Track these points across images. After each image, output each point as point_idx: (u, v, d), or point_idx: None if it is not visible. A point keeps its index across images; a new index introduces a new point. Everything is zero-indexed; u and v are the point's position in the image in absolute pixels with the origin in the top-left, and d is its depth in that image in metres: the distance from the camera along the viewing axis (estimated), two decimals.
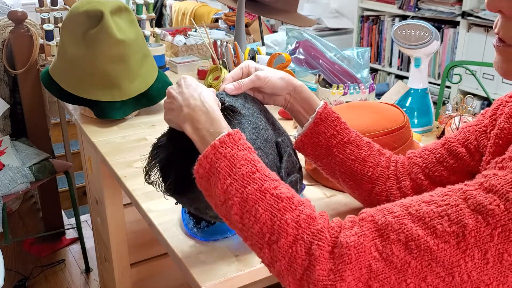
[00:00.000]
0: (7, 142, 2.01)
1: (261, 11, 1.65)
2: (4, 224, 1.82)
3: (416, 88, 1.37)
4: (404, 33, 1.32)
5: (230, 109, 0.78)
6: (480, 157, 0.78)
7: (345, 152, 0.85)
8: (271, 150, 0.80)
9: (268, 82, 0.85)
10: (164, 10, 4.11)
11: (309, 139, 0.86)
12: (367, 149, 0.86)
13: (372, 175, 0.86)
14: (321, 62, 1.44)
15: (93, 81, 1.36)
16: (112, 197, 1.45)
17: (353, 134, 0.87)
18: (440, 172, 0.82)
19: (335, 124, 0.85)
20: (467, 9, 2.78)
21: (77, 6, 1.36)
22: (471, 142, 0.80)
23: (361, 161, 0.85)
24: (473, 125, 0.81)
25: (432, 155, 0.84)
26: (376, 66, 3.48)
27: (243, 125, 0.78)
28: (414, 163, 0.85)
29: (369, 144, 0.88)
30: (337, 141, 0.85)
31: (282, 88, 0.87)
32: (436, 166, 0.83)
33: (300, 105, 0.88)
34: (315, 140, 0.86)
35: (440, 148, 0.84)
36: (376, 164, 0.86)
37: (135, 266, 1.57)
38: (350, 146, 0.85)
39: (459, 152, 0.81)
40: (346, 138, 0.85)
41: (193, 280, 0.78)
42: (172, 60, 1.96)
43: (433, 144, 0.86)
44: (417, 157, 0.86)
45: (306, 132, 0.86)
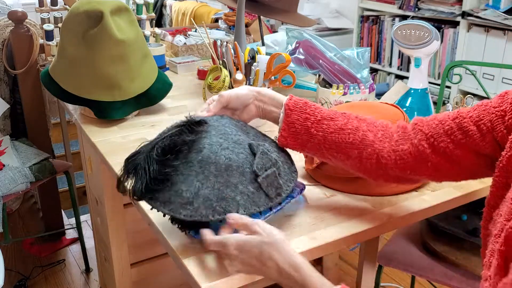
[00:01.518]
0: (7, 142, 2.01)
1: (261, 11, 1.65)
2: (4, 224, 1.82)
3: (416, 88, 1.37)
4: (404, 33, 1.32)
5: (194, 122, 0.85)
6: (491, 139, 0.76)
7: (323, 128, 0.88)
8: (242, 150, 0.85)
9: (232, 95, 0.93)
10: (164, 10, 4.11)
11: (287, 132, 0.91)
12: (343, 118, 0.89)
13: (354, 141, 0.86)
14: (321, 62, 1.44)
15: (93, 81, 1.36)
16: (112, 197, 1.45)
17: (325, 110, 0.90)
18: (445, 144, 0.80)
19: (304, 108, 0.90)
20: (467, 9, 2.78)
21: (77, 6, 1.36)
22: (485, 123, 0.77)
23: (340, 131, 0.87)
24: (490, 106, 0.78)
25: (440, 126, 0.82)
26: (376, 66, 3.48)
27: (210, 133, 0.85)
28: (419, 129, 0.84)
29: (344, 114, 0.90)
30: (312, 122, 0.89)
31: (247, 95, 0.93)
32: (442, 137, 0.81)
33: (270, 104, 0.93)
34: (292, 129, 0.90)
35: (450, 120, 0.81)
36: (356, 129, 0.87)
37: (135, 266, 1.57)
38: (325, 121, 0.89)
39: (470, 129, 0.78)
40: (319, 115, 0.89)
41: (193, 280, 0.78)
42: (172, 60, 1.96)
43: (443, 115, 0.84)
44: (424, 124, 0.84)
45: (283, 126, 0.91)
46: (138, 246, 1.56)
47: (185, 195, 0.79)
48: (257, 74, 1.33)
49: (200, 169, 0.81)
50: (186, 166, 0.81)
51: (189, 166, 0.81)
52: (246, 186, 0.82)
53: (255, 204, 0.82)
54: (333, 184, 1.05)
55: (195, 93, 1.67)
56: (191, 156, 0.82)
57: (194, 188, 0.80)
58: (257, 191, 0.83)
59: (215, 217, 0.79)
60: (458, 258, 1.27)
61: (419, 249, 1.35)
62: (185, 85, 1.77)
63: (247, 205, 0.81)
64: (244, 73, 1.34)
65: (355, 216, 0.95)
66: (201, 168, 0.81)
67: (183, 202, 0.79)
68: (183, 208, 0.79)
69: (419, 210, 0.98)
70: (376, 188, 1.02)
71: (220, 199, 0.80)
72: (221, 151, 0.83)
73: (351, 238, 0.90)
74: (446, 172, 0.83)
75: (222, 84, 1.32)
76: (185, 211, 0.79)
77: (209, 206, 0.79)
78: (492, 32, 2.69)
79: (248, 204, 0.81)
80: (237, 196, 0.81)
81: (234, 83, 1.33)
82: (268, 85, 1.36)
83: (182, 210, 0.79)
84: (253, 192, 0.82)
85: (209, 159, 0.81)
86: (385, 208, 0.98)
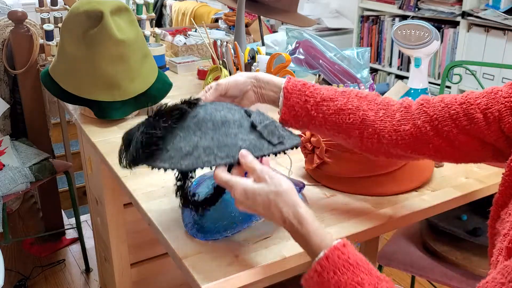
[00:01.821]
0: (7, 142, 2.01)
1: (261, 11, 1.65)
2: (4, 224, 1.82)
3: (416, 88, 1.37)
4: (404, 33, 1.32)
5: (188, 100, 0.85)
6: (496, 128, 0.75)
7: (322, 110, 0.88)
8: (237, 112, 0.84)
9: (230, 82, 0.91)
10: (164, 10, 4.11)
11: (288, 114, 0.90)
12: (343, 98, 0.87)
13: (354, 121, 0.86)
14: (321, 62, 1.44)
15: (93, 81, 1.36)
16: (112, 197, 1.45)
17: (324, 91, 0.89)
18: (449, 128, 0.79)
19: (303, 90, 0.89)
20: (467, 9, 2.78)
21: (77, 6, 1.36)
22: (492, 112, 0.75)
23: (340, 111, 0.86)
24: (500, 95, 0.76)
25: (446, 109, 0.80)
26: (376, 66, 3.48)
27: (204, 105, 0.85)
28: (424, 111, 0.82)
29: (344, 93, 0.89)
30: (311, 104, 0.88)
31: (244, 82, 0.92)
32: (447, 121, 0.80)
33: (268, 88, 0.92)
34: (292, 112, 0.89)
35: (457, 105, 0.79)
36: (356, 109, 0.86)
37: (135, 266, 1.57)
38: (324, 103, 0.88)
39: (476, 117, 0.77)
40: (319, 97, 0.88)
41: (193, 280, 0.78)
42: (172, 60, 1.96)
43: (451, 98, 0.82)
44: (430, 105, 0.82)
45: (283, 109, 0.90)
46: (138, 246, 1.56)
47: (185, 149, 0.79)
48: None
49: (196, 127, 0.81)
50: (182, 130, 0.81)
51: (186, 129, 0.81)
52: (246, 135, 0.81)
53: (258, 149, 0.80)
54: (333, 184, 1.05)
55: (195, 93, 1.66)
56: (187, 121, 0.82)
57: (193, 142, 0.79)
58: (258, 139, 0.81)
59: (218, 162, 0.77)
60: (458, 258, 1.27)
61: (419, 249, 1.36)
62: (185, 85, 1.77)
63: (250, 150, 0.79)
64: None
65: (355, 216, 0.95)
66: (197, 127, 0.81)
67: (183, 154, 0.78)
68: (183, 159, 0.77)
69: (419, 210, 0.98)
70: (376, 188, 1.02)
71: (221, 146, 0.79)
72: (216, 112, 0.83)
73: (351, 238, 0.90)
74: (446, 154, 0.83)
75: None
76: (185, 161, 0.77)
77: (210, 153, 0.78)
78: (492, 32, 2.69)
79: (251, 148, 0.79)
80: (239, 142, 0.79)
81: None
82: None
83: (183, 161, 0.77)
84: (254, 139, 0.81)
85: (204, 118, 0.81)
86: (385, 208, 0.98)
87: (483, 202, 1.07)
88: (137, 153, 0.79)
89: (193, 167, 0.77)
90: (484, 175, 1.12)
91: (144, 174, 1.10)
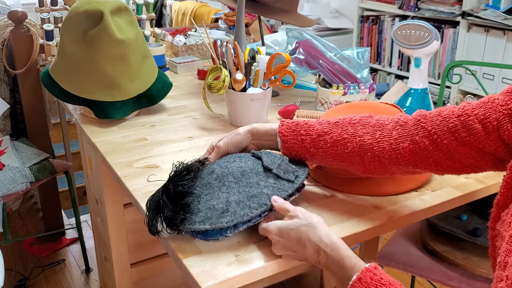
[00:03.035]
0: (7, 142, 2.01)
1: (261, 11, 1.65)
2: (4, 224, 1.82)
3: (416, 88, 1.37)
4: (404, 33, 1.32)
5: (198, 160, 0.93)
6: (496, 137, 0.76)
7: (320, 145, 0.90)
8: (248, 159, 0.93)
9: (229, 144, 0.97)
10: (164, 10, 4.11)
11: (290, 155, 0.95)
12: (337, 129, 0.90)
13: (353, 149, 0.87)
14: (321, 62, 1.44)
15: (93, 81, 1.36)
16: (112, 197, 1.45)
17: (318, 126, 0.91)
18: (448, 141, 0.80)
19: (297, 131, 0.92)
20: (467, 9, 2.78)
21: (77, 6, 1.36)
22: (491, 121, 0.76)
23: (337, 143, 0.89)
24: (497, 104, 0.76)
25: (444, 123, 0.80)
26: (376, 66, 3.48)
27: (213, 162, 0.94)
28: (422, 126, 0.83)
29: (337, 123, 0.91)
30: (309, 142, 0.91)
31: (242, 140, 0.98)
32: (446, 134, 0.80)
33: (265, 139, 0.98)
34: (293, 153, 0.94)
35: (455, 118, 0.79)
36: (352, 136, 0.88)
37: (135, 266, 1.57)
38: (321, 138, 0.90)
39: (475, 128, 0.77)
40: (314, 133, 0.91)
41: (193, 280, 0.78)
42: (172, 60, 1.96)
43: (448, 111, 0.82)
44: (428, 121, 0.83)
45: (283, 151, 0.95)
46: (138, 246, 1.56)
47: (219, 207, 0.84)
48: (257, 74, 1.33)
49: (220, 183, 0.87)
50: (206, 188, 0.87)
51: (209, 186, 0.87)
52: (266, 180, 0.89)
53: (282, 190, 0.88)
54: (333, 184, 1.05)
55: (195, 93, 1.67)
56: (206, 179, 0.88)
57: (224, 199, 0.85)
58: (278, 181, 0.90)
59: (254, 213, 0.84)
60: (458, 258, 1.27)
61: (419, 249, 1.36)
62: (185, 85, 1.77)
63: (275, 193, 0.87)
64: (244, 73, 1.34)
65: (355, 216, 0.95)
66: (220, 182, 0.87)
67: (220, 212, 0.83)
68: (222, 217, 0.83)
69: (419, 210, 0.98)
70: (376, 188, 1.02)
71: (251, 197, 0.85)
72: (230, 164, 0.90)
73: (351, 238, 0.90)
74: (447, 167, 0.84)
75: (222, 84, 1.32)
76: (225, 219, 0.82)
77: (244, 206, 0.84)
78: (492, 32, 2.69)
79: (276, 192, 0.87)
80: (263, 189, 0.87)
81: (234, 83, 1.33)
82: (268, 85, 1.36)
83: (223, 219, 0.82)
84: (275, 182, 0.89)
85: (223, 173, 0.88)
86: (385, 208, 0.98)
87: (483, 202, 1.07)
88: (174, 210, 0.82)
89: (233, 223, 0.82)
90: (484, 175, 1.12)
91: (144, 174, 1.10)
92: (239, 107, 1.35)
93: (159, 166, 1.14)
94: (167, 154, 1.20)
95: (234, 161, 0.91)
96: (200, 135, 1.33)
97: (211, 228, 0.82)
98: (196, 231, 0.83)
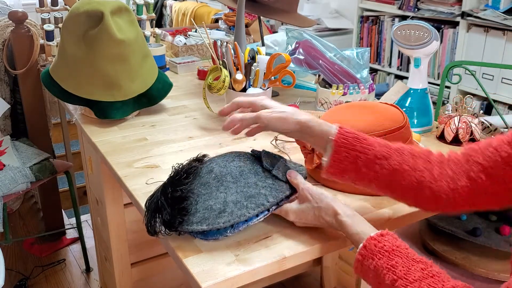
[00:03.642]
0: (7, 142, 2.01)
1: (261, 11, 1.65)
2: (5, 224, 1.83)
3: (415, 88, 1.37)
4: (403, 33, 1.33)
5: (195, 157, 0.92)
6: None
7: (375, 169, 0.82)
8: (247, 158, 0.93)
9: (271, 125, 0.89)
10: (164, 10, 4.11)
11: (334, 168, 0.85)
12: (397, 155, 0.82)
13: (411, 183, 0.81)
14: (321, 62, 1.45)
15: (93, 81, 1.37)
16: (113, 197, 1.46)
17: (377, 146, 0.82)
18: (504, 171, 0.76)
19: (354, 145, 0.82)
20: (467, 9, 2.78)
21: (77, 7, 1.37)
22: None
23: (395, 172, 0.81)
24: None
25: (496, 153, 0.77)
26: (375, 66, 3.49)
27: (213, 159, 0.92)
28: (475, 161, 0.79)
29: (399, 150, 0.83)
30: (363, 160, 0.82)
31: (287, 130, 0.88)
32: (501, 165, 0.76)
33: (313, 141, 0.88)
34: (341, 166, 0.84)
35: (506, 145, 0.76)
36: (412, 170, 0.81)
37: (135, 266, 1.58)
38: (377, 161, 0.82)
39: None
40: (371, 154, 0.82)
41: (193, 280, 0.79)
42: (172, 60, 1.96)
43: (498, 140, 0.78)
44: (479, 154, 0.79)
45: (330, 162, 0.84)
46: (138, 245, 1.56)
47: (216, 207, 0.84)
48: (257, 74, 1.34)
49: (218, 183, 0.86)
50: (204, 188, 0.86)
51: (207, 186, 0.86)
52: (265, 181, 0.89)
53: (280, 191, 0.89)
54: (333, 184, 1.05)
55: (195, 93, 1.68)
56: (205, 178, 0.87)
57: (221, 199, 0.85)
58: (276, 181, 0.90)
59: (251, 213, 0.84)
60: (458, 258, 1.27)
61: (418, 249, 1.36)
62: (185, 85, 1.77)
63: (273, 194, 0.88)
64: (244, 73, 1.34)
65: None
66: (218, 182, 0.87)
67: (217, 213, 0.83)
68: (219, 217, 0.83)
69: (419, 210, 0.98)
70: None
71: (248, 197, 0.86)
72: (229, 164, 0.90)
73: None
74: (505, 199, 0.79)
75: (222, 84, 1.32)
76: (222, 219, 0.83)
77: (242, 206, 0.84)
78: (492, 32, 2.69)
79: (275, 192, 0.88)
80: (261, 190, 0.87)
81: (234, 83, 1.33)
82: (268, 85, 1.36)
83: (219, 220, 0.83)
84: (273, 183, 0.89)
85: (222, 173, 0.88)
86: (385, 208, 0.98)
87: None
88: (172, 213, 0.82)
89: (230, 223, 0.83)
90: None
91: (144, 174, 1.11)
92: None
93: (159, 166, 1.14)
94: (167, 154, 1.21)
95: (233, 160, 0.91)
96: (200, 135, 1.33)
97: (208, 229, 0.82)
98: (195, 231, 0.84)
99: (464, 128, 1.27)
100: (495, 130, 1.42)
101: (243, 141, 1.29)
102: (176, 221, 0.83)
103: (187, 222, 0.83)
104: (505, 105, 2.69)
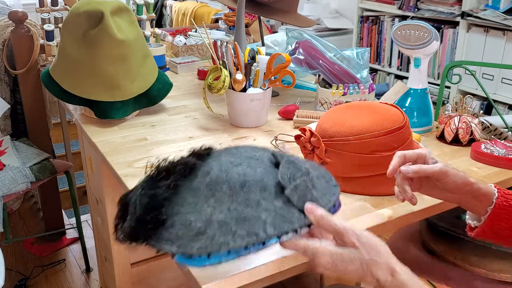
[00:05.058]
0: (7, 142, 2.01)
1: (261, 11, 1.65)
2: (5, 224, 1.83)
3: (415, 88, 1.37)
4: (403, 33, 1.33)
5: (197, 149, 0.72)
6: None
7: None
8: (260, 164, 0.69)
9: (448, 180, 0.82)
10: (164, 10, 4.11)
11: (485, 234, 0.82)
12: None
13: None
14: (321, 62, 1.45)
15: (93, 81, 1.37)
16: (113, 196, 1.46)
17: None
18: None
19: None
20: (467, 9, 2.78)
21: (78, 7, 1.37)
22: None
23: None
24: None
25: None
26: (375, 66, 3.48)
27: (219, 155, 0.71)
28: None
29: None
30: None
31: (458, 188, 0.83)
32: None
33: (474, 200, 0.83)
34: (495, 233, 0.81)
35: None
36: None
37: (135, 266, 1.58)
38: None
39: None
40: None
41: (193, 280, 0.79)
42: (172, 60, 1.96)
43: None
44: None
45: (483, 227, 0.81)
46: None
47: (195, 225, 0.64)
48: (257, 74, 1.34)
49: (210, 192, 0.66)
50: (191, 194, 0.67)
51: (196, 193, 0.67)
52: (271, 201, 0.66)
53: (286, 220, 0.65)
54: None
55: (195, 93, 1.68)
56: (197, 182, 0.67)
57: (205, 215, 0.64)
58: (286, 206, 0.66)
59: (238, 243, 0.62)
60: (458, 258, 1.27)
61: (418, 249, 1.36)
62: (185, 85, 1.77)
63: (276, 223, 0.64)
64: (244, 73, 1.34)
65: (355, 216, 0.95)
66: (211, 191, 0.66)
67: (194, 233, 0.64)
68: (194, 240, 0.63)
69: (419, 210, 0.99)
70: (376, 188, 1.02)
71: (241, 221, 0.64)
72: (232, 168, 0.68)
73: None
74: None
75: (222, 84, 1.32)
76: (197, 243, 0.63)
77: (227, 231, 0.63)
78: (492, 32, 2.69)
79: (278, 221, 0.65)
80: (261, 214, 0.64)
81: (234, 83, 1.33)
82: (268, 85, 1.36)
83: (194, 243, 0.63)
84: (282, 207, 0.66)
85: (218, 179, 0.66)
86: (385, 208, 0.98)
87: None
88: (136, 226, 0.65)
89: (206, 251, 0.62)
90: (484, 175, 1.12)
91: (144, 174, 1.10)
92: (239, 107, 1.35)
93: None
94: (167, 154, 1.21)
95: (239, 164, 0.68)
96: (200, 135, 1.33)
97: (176, 252, 0.63)
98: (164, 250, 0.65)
99: (464, 128, 1.27)
100: (495, 130, 1.42)
101: (243, 141, 1.29)
102: (141, 233, 0.65)
103: (157, 237, 0.65)
104: (505, 105, 2.70)
